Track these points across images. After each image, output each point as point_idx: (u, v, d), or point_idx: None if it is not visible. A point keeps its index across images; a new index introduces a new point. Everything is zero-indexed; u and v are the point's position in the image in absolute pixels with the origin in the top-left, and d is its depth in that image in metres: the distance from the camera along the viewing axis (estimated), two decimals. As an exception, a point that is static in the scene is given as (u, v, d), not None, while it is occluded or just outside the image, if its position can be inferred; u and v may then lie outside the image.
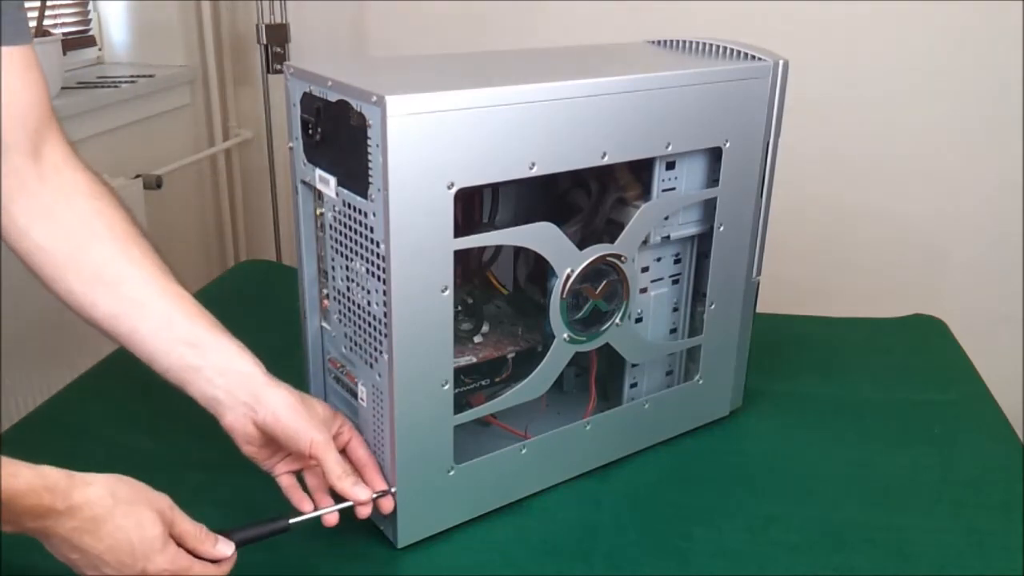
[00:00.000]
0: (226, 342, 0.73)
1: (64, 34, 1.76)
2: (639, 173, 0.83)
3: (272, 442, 0.73)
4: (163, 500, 0.64)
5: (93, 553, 0.60)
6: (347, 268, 0.74)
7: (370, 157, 0.66)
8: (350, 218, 0.71)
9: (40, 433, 0.90)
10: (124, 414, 0.95)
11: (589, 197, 0.84)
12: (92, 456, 0.86)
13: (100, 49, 1.90)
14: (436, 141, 0.66)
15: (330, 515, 0.72)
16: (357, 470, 0.75)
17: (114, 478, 0.62)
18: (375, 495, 0.73)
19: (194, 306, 0.74)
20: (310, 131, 0.73)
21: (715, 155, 0.85)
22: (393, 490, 0.74)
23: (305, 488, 0.75)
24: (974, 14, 1.65)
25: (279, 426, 0.71)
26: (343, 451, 0.75)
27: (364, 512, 0.73)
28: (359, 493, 0.72)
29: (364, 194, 0.68)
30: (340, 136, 0.70)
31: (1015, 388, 1.72)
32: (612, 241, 0.80)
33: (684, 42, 0.94)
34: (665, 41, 0.96)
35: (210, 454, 0.88)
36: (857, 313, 1.25)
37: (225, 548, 0.66)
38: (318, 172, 0.74)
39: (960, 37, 1.68)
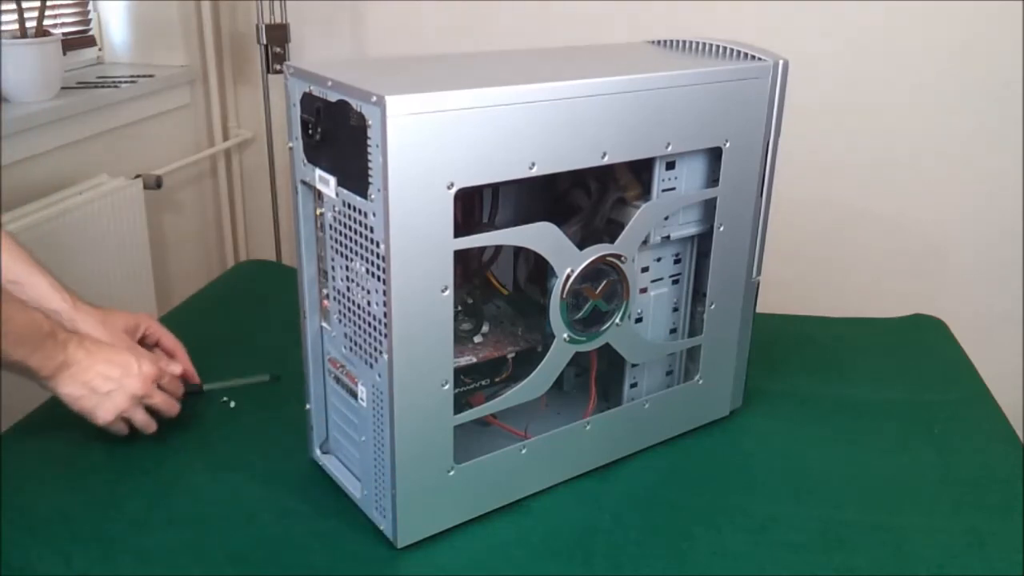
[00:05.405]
0: (39, 279, 0.85)
1: (64, 34, 1.76)
2: (639, 173, 0.83)
3: None
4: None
5: (93, 370, 0.78)
6: (347, 268, 0.74)
7: (370, 157, 0.66)
8: (350, 218, 0.71)
9: (40, 433, 0.90)
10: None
11: (589, 197, 0.84)
12: (92, 456, 0.87)
13: (100, 49, 1.90)
14: (436, 141, 0.66)
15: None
16: (168, 355, 0.93)
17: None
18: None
19: (17, 247, 0.86)
20: (310, 131, 0.73)
21: (715, 155, 0.85)
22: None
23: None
24: (974, 15, 1.65)
25: None
26: (156, 345, 0.93)
27: (172, 408, 0.89)
28: (173, 367, 0.90)
29: (364, 194, 0.68)
30: (340, 136, 0.70)
31: (1015, 388, 1.72)
32: (612, 241, 0.80)
33: (684, 42, 0.94)
34: (665, 41, 0.96)
35: (210, 454, 0.88)
36: (857, 313, 1.25)
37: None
38: (318, 172, 0.74)
39: (960, 37, 1.68)
